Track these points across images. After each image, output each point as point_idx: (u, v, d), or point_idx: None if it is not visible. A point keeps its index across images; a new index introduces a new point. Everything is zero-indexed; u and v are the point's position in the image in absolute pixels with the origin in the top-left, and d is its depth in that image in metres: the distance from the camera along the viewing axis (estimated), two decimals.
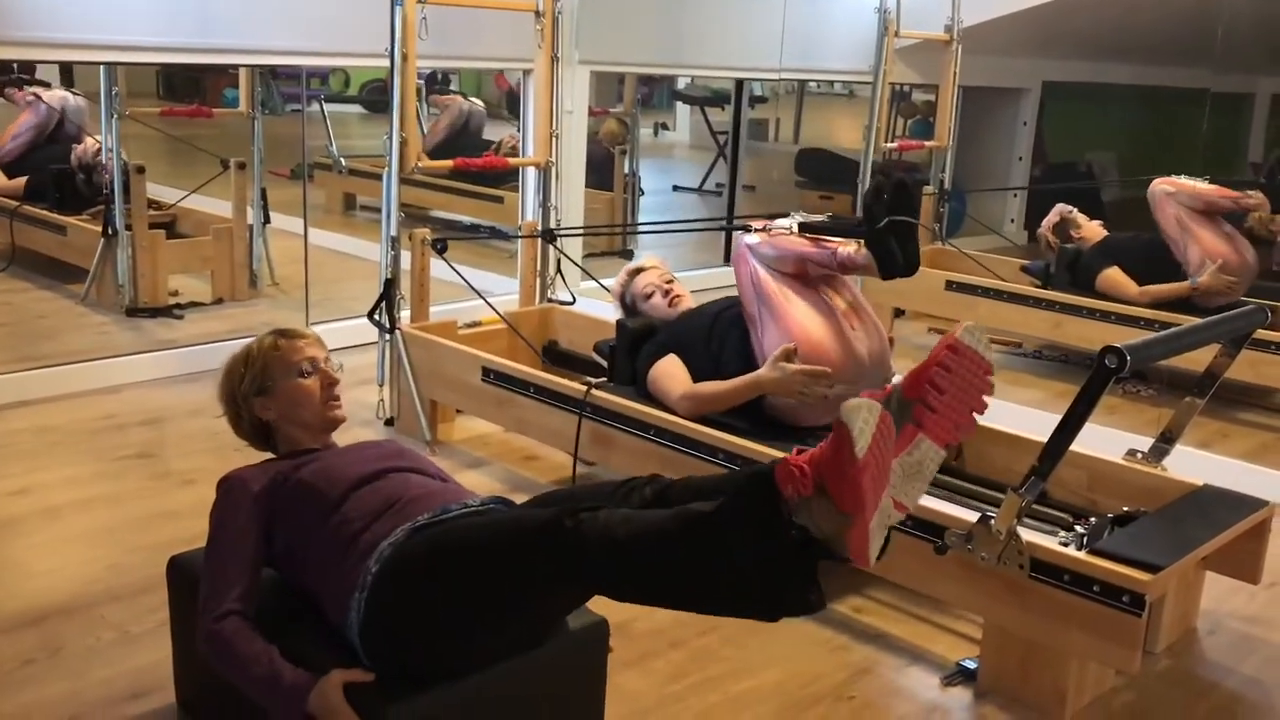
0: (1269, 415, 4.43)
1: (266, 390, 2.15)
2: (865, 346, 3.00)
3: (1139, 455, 2.83)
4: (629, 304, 3.53)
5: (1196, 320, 2.71)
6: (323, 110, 5.14)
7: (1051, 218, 5.26)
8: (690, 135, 9.92)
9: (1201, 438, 3.95)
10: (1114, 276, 4.84)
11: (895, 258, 2.83)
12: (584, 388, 3.21)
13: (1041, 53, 6.99)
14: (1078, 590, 2.25)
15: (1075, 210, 5.24)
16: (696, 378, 3.08)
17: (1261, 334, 3.28)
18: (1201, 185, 4.72)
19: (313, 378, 2.15)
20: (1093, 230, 5.14)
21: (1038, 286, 5.10)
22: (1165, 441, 2.80)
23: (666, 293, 3.47)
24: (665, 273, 3.54)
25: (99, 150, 5.13)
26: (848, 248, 2.94)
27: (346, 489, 2.01)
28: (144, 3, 4.01)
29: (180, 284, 5.25)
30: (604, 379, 3.40)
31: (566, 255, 4.23)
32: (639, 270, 3.55)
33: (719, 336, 3.14)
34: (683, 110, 9.95)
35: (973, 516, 2.40)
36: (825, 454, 1.61)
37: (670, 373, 3.11)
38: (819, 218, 3.09)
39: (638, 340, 3.36)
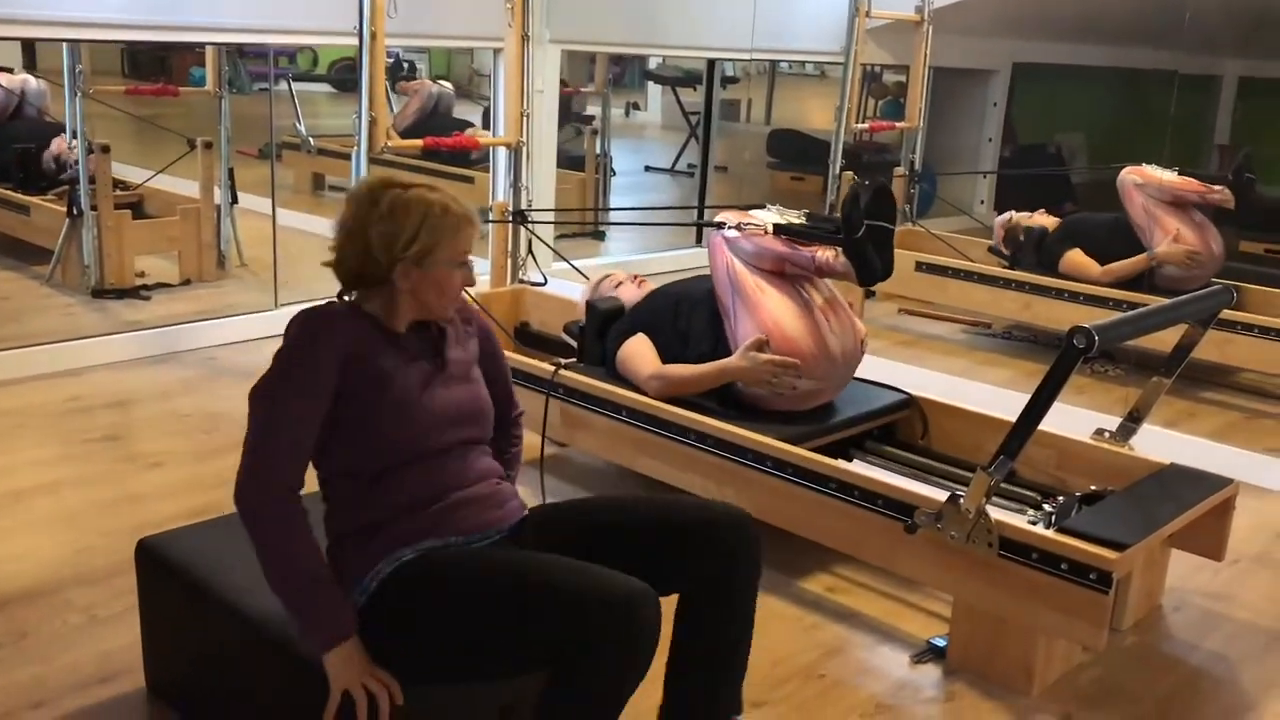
0: (1235, 395, 4.48)
1: (423, 264, 1.88)
2: (839, 343, 3.00)
3: (1107, 434, 2.85)
4: (601, 300, 3.55)
5: (1164, 301, 2.73)
6: (290, 89, 5.10)
7: (999, 232, 5.29)
8: (662, 115, 9.89)
9: (1168, 417, 3.99)
10: (1075, 259, 4.89)
11: (874, 266, 2.85)
12: (552, 368, 3.20)
13: (1012, 34, 7.01)
14: (1046, 568, 2.27)
15: (1014, 214, 5.26)
16: (665, 357, 3.08)
17: (1228, 314, 3.31)
18: (1169, 177, 4.77)
19: (461, 272, 1.94)
20: (1043, 220, 5.17)
21: (1005, 267, 5.13)
22: (1132, 421, 2.83)
23: (634, 279, 3.50)
24: (629, 274, 3.58)
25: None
26: (826, 254, 2.95)
27: (408, 456, 1.86)
28: None
29: (147, 265, 5.20)
30: (574, 360, 3.40)
31: (538, 236, 4.21)
32: (605, 277, 3.59)
33: (686, 315, 3.14)
34: (654, 90, 9.91)
35: (942, 496, 2.42)
36: None
37: (639, 352, 3.11)
38: (794, 214, 3.08)
39: (607, 321, 3.36)
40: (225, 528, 2.24)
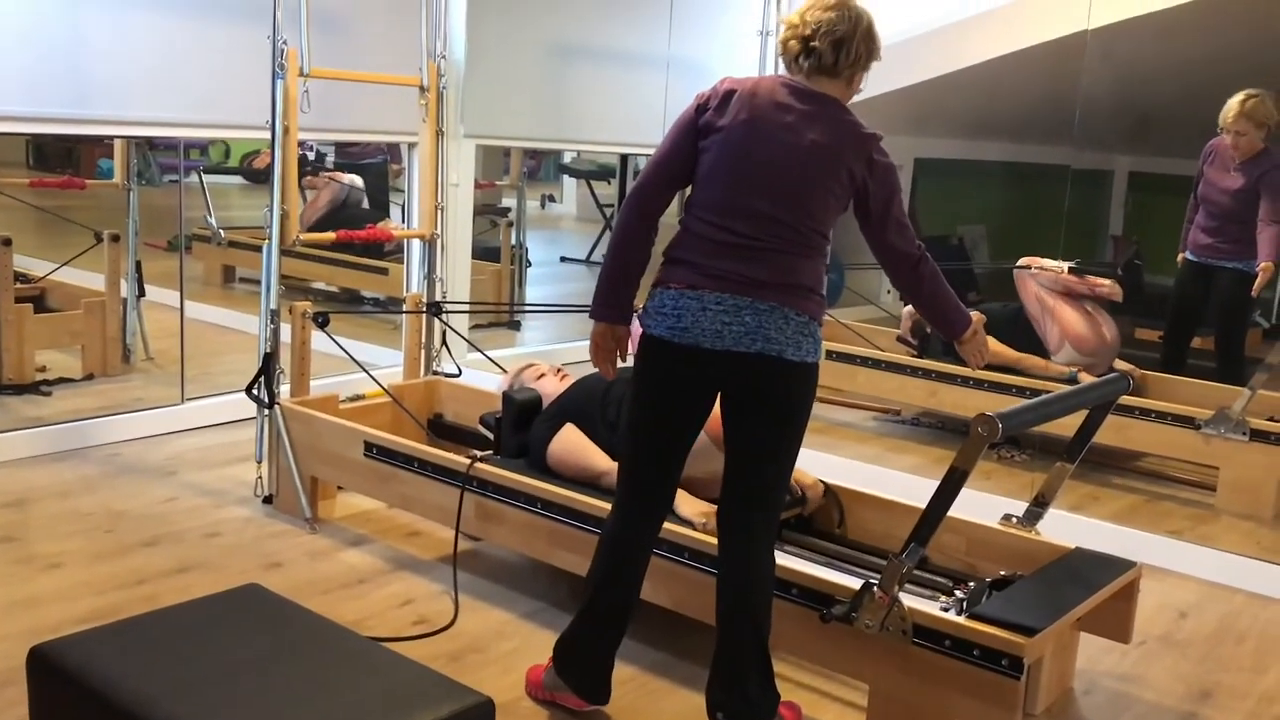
0: (1136, 478, 4.59)
1: None
2: None
3: (1014, 520, 2.90)
4: (517, 391, 3.54)
5: (1064, 388, 2.82)
6: (201, 182, 5.06)
7: (905, 322, 5.42)
8: (577, 207, 10.01)
9: (1073, 501, 4.08)
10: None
11: None
12: (468, 461, 3.18)
13: (914, 131, 7.25)
14: (958, 655, 2.29)
15: None
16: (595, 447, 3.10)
17: (1126, 400, 3.42)
18: (1061, 269, 4.95)
19: None
20: None
21: (913, 355, 5.25)
22: (1039, 505, 2.88)
23: (556, 372, 3.51)
24: (551, 365, 3.59)
25: None
26: None
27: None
28: (14, 70, 3.90)
29: (49, 359, 5.06)
30: (490, 452, 3.37)
31: (452, 328, 4.21)
32: (527, 365, 3.60)
33: (614, 404, 3.14)
34: (569, 183, 10.04)
35: (856, 584, 2.43)
36: None
37: (581, 445, 3.10)
38: None
39: (523, 412, 3.35)
40: (127, 631, 2.17)
